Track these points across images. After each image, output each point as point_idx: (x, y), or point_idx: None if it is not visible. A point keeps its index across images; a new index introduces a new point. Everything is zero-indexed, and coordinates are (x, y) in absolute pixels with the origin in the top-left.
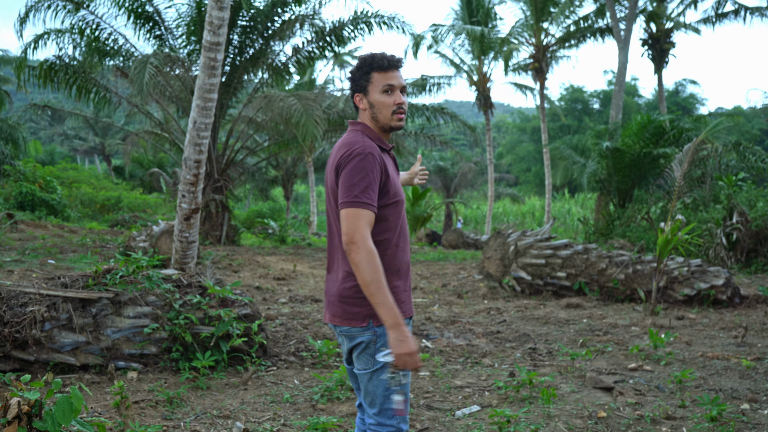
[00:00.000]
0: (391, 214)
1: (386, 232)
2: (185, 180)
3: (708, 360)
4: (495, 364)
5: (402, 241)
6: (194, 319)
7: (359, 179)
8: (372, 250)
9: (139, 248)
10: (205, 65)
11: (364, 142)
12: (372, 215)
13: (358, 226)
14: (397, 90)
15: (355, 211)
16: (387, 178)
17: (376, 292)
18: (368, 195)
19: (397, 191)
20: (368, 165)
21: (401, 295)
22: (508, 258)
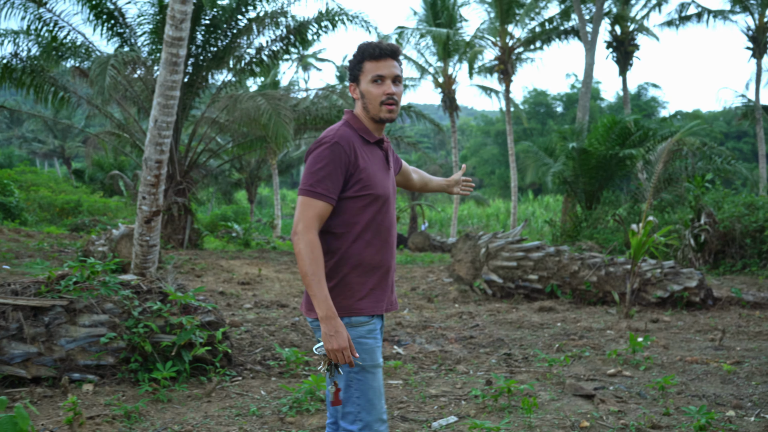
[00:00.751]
0: (356, 208)
1: (346, 225)
2: (146, 181)
3: (687, 364)
4: (470, 370)
5: (374, 237)
6: (154, 327)
7: (319, 168)
8: (311, 242)
9: (98, 253)
10: (167, 61)
11: (338, 132)
12: (325, 207)
13: (305, 215)
14: (387, 80)
15: (307, 201)
16: (357, 170)
17: (310, 283)
18: (324, 185)
19: (372, 185)
20: (332, 154)
21: (359, 291)
22: (479, 260)
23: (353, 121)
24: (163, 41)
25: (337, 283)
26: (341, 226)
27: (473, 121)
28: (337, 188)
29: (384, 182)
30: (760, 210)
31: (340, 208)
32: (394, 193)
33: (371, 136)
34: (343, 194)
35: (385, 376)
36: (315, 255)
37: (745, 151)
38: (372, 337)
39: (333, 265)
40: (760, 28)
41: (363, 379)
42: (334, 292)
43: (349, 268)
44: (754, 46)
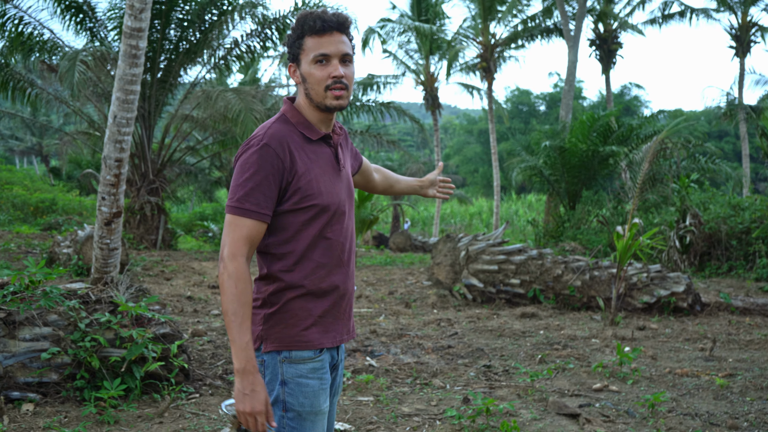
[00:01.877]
0: (298, 223)
1: (287, 243)
2: (105, 181)
3: (677, 377)
4: (447, 385)
5: (324, 256)
6: (102, 340)
7: (245, 178)
8: (237, 272)
9: (64, 255)
10: (126, 53)
11: (268, 131)
12: (256, 225)
13: (231, 238)
14: (334, 59)
15: (233, 220)
16: (294, 177)
17: (230, 324)
18: (253, 198)
19: (316, 194)
20: (261, 160)
21: (304, 319)
22: (458, 264)
23: (291, 113)
24: (122, 32)
25: (278, 310)
26: (281, 245)
27: (456, 120)
28: (270, 201)
29: (332, 189)
30: (746, 211)
31: (278, 224)
32: (351, 200)
33: (314, 131)
34: (280, 207)
35: (356, 392)
36: (239, 289)
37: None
38: (316, 377)
39: (273, 290)
40: (743, 27)
41: (298, 428)
42: (272, 320)
43: (294, 294)
44: (737, 45)
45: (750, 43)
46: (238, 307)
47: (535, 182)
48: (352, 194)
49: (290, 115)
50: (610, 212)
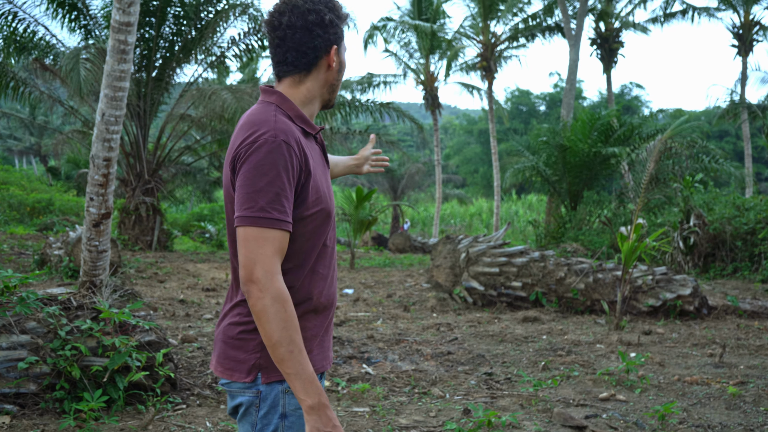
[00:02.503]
0: (309, 232)
1: (297, 256)
2: (93, 181)
3: (687, 386)
4: (446, 394)
5: (323, 267)
6: (84, 349)
7: (267, 182)
8: (282, 295)
9: (55, 256)
10: (115, 49)
11: (278, 124)
12: (285, 237)
13: (262, 255)
14: None
15: (260, 233)
16: (308, 178)
17: (288, 357)
18: (280, 206)
19: (322, 197)
20: (280, 160)
21: (312, 342)
22: (458, 266)
23: (287, 105)
24: (110, 27)
25: None
26: (291, 257)
27: (456, 120)
28: (291, 208)
29: (330, 190)
30: (750, 211)
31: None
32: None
33: (311, 126)
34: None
35: (351, 403)
36: (289, 314)
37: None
38: None
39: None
40: (745, 25)
41: None
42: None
43: (300, 312)
44: (740, 44)
45: (752, 42)
46: (294, 334)
47: (535, 182)
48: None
49: (286, 108)
50: (613, 212)
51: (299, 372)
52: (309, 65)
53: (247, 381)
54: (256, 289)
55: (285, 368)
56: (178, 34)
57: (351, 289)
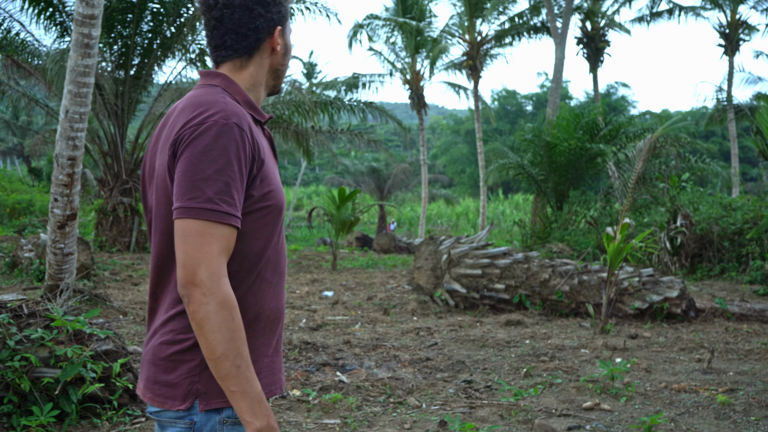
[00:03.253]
0: (257, 230)
1: (244, 257)
2: (57, 181)
3: (674, 393)
4: (423, 404)
5: (272, 272)
6: (34, 359)
7: (215, 170)
8: (229, 300)
9: (26, 259)
10: (78, 43)
11: (227, 106)
12: (233, 235)
13: (208, 254)
14: None
15: (205, 228)
16: (261, 168)
17: (234, 372)
18: (229, 198)
19: (275, 191)
20: (231, 145)
21: (260, 362)
22: (440, 268)
23: (234, 89)
24: (74, 20)
25: None
26: (236, 259)
27: (444, 120)
28: (241, 201)
29: (280, 185)
30: (738, 211)
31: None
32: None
33: (260, 113)
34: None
35: (322, 414)
36: (236, 323)
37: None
38: None
39: None
40: (731, 25)
41: None
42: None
43: (247, 325)
44: (726, 43)
45: (739, 42)
46: (242, 347)
47: (521, 181)
48: None
49: (233, 91)
50: (599, 212)
51: (246, 390)
52: (251, 49)
53: (182, 409)
54: (198, 293)
55: (230, 386)
56: (156, 32)
57: (331, 291)
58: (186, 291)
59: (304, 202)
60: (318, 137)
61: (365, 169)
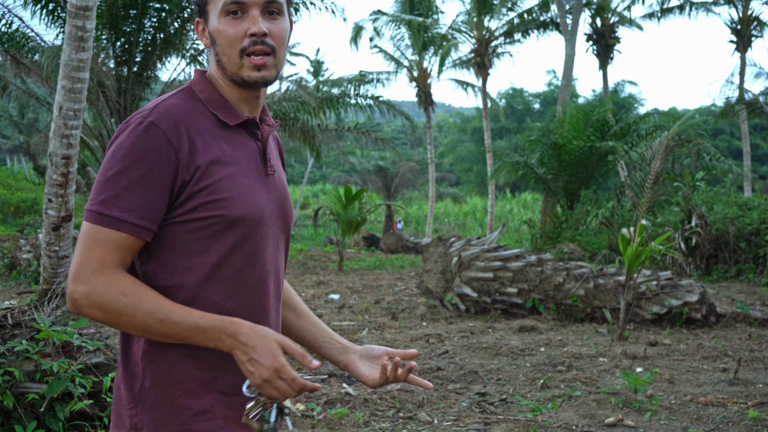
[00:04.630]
0: (194, 241)
1: (178, 272)
2: (51, 181)
3: (701, 407)
4: (434, 419)
5: (233, 300)
6: (18, 374)
7: (116, 172)
8: (114, 281)
9: (24, 260)
10: (72, 36)
11: (161, 105)
12: (127, 242)
13: (88, 258)
14: (253, 9)
15: (90, 231)
16: (195, 173)
17: (163, 326)
18: (125, 202)
19: (224, 200)
20: (143, 146)
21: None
22: (450, 271)
23: (200, 86)
24: (67, 12)
25: (158, 382)
26: (166, 275)
27: (451, 119)
28: (153, 209)
29: (254, 197)
30: (754, 211)
31: (164, 243)
32: (284, 222)
33: (231, 113)
34: (169, 216)
35: (327, 430)
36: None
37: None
38: None
39: (149, 347)
40: (743, 20)
41: None
42: (150, 397)
43: (181, 353)
44: (738, 39)
45: (751, 38)
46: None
47: (529, 180)
48: (287, 215)
49: (199, 89)
50: (611, 212)
51: (186, 329)
52: (202, 40)
53: None
54: (81, 295)
55: (170, 339)
56: (160, 28)
57: (337, 294)
58: (71, 290)
59: (310, 200)
60: (325, 135)
61: (372, 168)
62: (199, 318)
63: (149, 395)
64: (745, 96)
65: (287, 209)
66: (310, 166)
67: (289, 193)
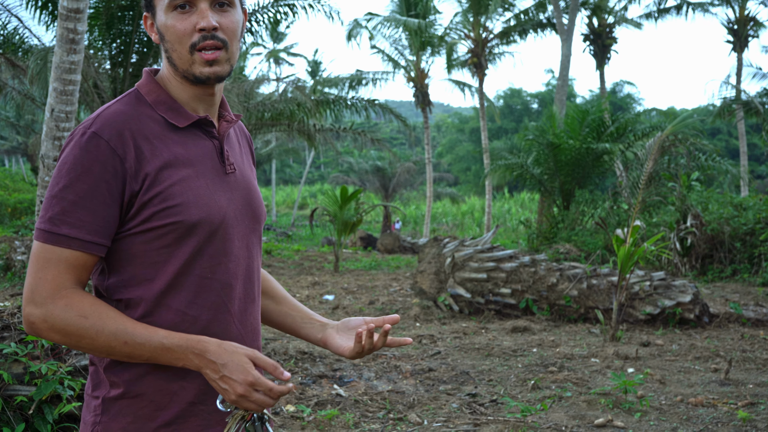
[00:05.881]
0: (152, 252)
1: (139, 285)
2: (43, 183)
3: (691, 408)
4: (424, 420)
5: (196, 306)
6: (7, 376)
7: (62, 187)
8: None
9: (18, 262)
10: (63, 38)
11: (102, 114)
12: (80, 259)
13: (41, 279)
14: (201, 2)
15: (41, 251)
16: (145, 181)
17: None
18: (74, 218)
19: (178, 206)
20: (86, 158)
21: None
22: (443, 272)
23: (148, 88)
24: (58, 14)
25: (124, 393)
26: (125, 288)
27: (449, 119)
28: (103, 222)
29: (212, 199)
30: (749, 211)
31: (121, 256)
32: (250, 218)
33: (181, 114)
34: (123, 229)
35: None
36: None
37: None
38: None
39: (111, 361)
40: (740, 21)
41: None
42: (115, 408)
43: (147, 367)
44: (735, 40)
45: (747, 38)
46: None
47: (526, 180)
48: (255, 212)
49: (146, 91)
50: (606, 212)
51: (151, 349)
52: (151, 35)
53: None
54: (38, 319)
55: (135, 359)
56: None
57: (332, 295)
58: (26, 314)
59: (308, 200)
60: (322, 135)
61: (370, 168)
62: (164, 338)
63: (113, 405)
64: (742, 96)
65: (255, 206)
66: (308, 166)
67: (256, 188)
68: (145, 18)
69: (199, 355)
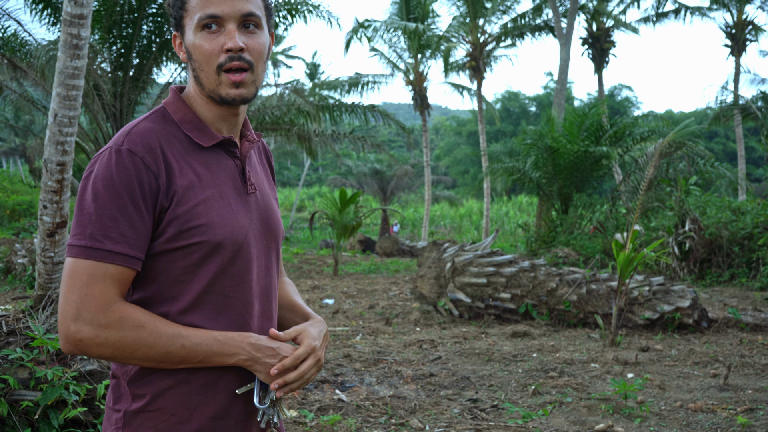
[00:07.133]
0: (176, 271)
1: (163, 302)
2: (46, 187)
3: (691, 414)
4: (426, 425)
5: (218, 323)
6: (12, 381)
7: (101, 203)
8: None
9: (19, 265)
10: (67, 44)
11: (133, 130)
12: (124, 274)
13: (88, 296)
14: (229, 23)
15: (85, 268)
16: (173, 199)
17: (184, 351)
18: (115, 235)
19: (202, 226)
20: (121, 174)
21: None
22: (443, 277)
23: (175, 107)
24: (62, 20)
25: (145, 406)
26: (154, 304)
27: (447, 121)
28: (141, 237)
29: (233, 220)
30: (747, 215)
31: (149, 274)
32: (270, 239)
33: (206, 134)
34: (152, 245)
35: None
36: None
37: (716, 152)
38: None
39: (137, 374)
40: (738, 25)
41: None
42: (137, 421)
43: (169, 381)
44: (732, 44)
45: (745, 42)
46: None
47: (524, 183)
48: (274, 232)
49: (173, 110)
50: (605, 216)
51: (207, 350)
52: (180, 55)
53: None
54: (87, 336)
55: (188, 363)
56: (156, 33)
57: (331, 299)
58: (68, 336)
59: (306, 203)
60: (321, 139)
61: (368, 171)
62: (218, 334)
63: (135, 418)
64: (740, 101)
65: (273, 226)
66: (306, 169)
67: (275, 208)
68: (174, 37)
69: (254, 345)
